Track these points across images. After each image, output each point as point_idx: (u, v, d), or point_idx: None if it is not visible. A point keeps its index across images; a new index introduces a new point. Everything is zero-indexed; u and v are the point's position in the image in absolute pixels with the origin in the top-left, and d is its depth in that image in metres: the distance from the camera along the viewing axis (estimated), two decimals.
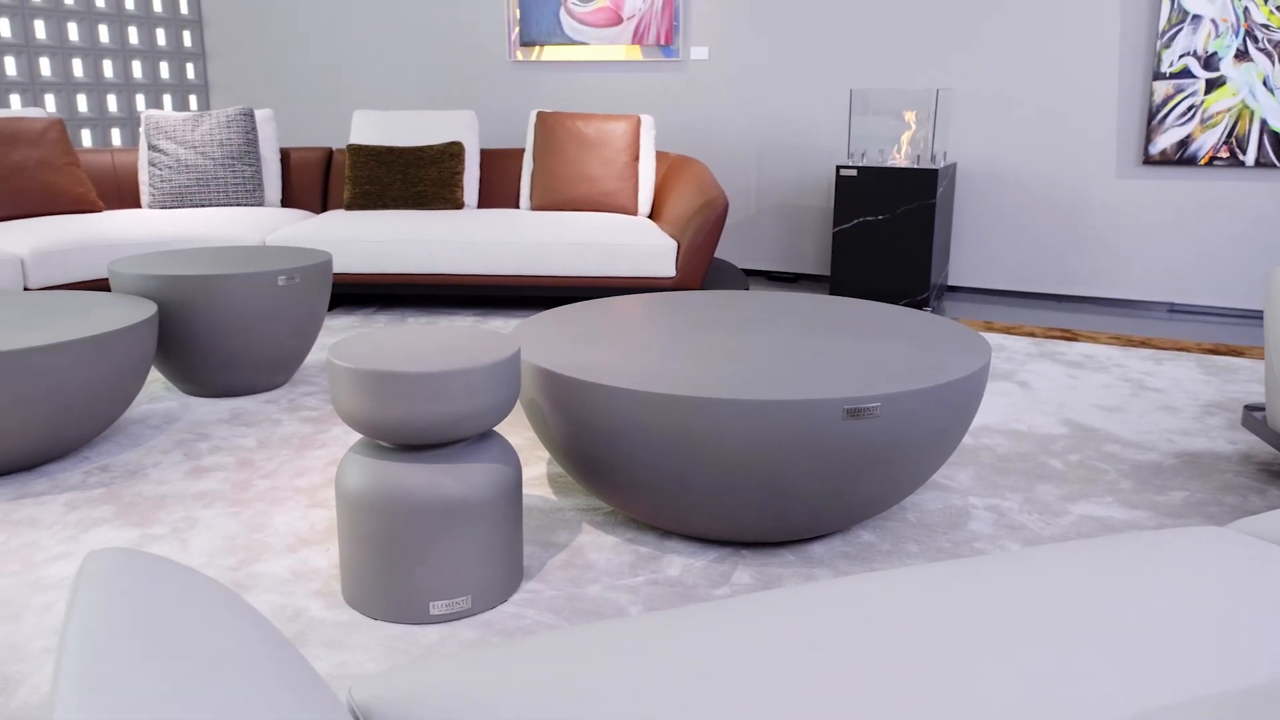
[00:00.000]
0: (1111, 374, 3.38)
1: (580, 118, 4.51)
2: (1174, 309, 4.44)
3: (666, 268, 4.03)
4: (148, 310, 2.60)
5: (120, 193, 4.57)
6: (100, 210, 4.30)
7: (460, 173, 4.54)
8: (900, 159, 4.43)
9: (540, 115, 4.57)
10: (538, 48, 5.36)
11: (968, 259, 4.78)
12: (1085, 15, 4.35)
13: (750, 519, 1.92)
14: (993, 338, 3.87)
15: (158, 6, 6.04)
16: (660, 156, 4.70)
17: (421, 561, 1.74)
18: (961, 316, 4.29)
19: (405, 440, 1.71)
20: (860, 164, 4.33)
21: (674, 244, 4.03)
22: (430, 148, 4.53)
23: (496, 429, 2.74)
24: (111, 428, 2.76)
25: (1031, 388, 3.21)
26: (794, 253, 5.11)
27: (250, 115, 4.56)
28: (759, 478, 1.84)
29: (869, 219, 4.33)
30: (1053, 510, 2.27)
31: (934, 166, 4.22)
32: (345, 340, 1.85)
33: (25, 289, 3.64)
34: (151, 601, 0.83)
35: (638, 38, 5.12)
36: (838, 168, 4.34)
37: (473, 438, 1.82)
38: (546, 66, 5.40)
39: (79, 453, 2.57)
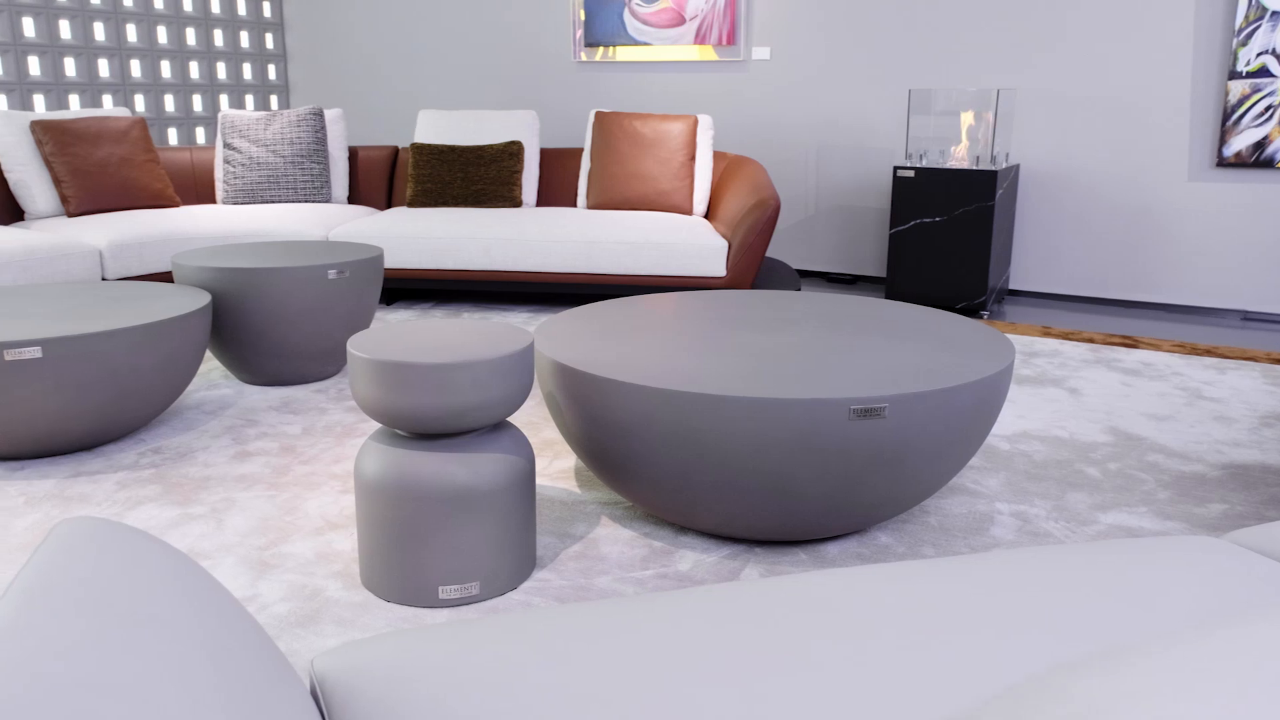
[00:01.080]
0: (1168, 382, 3.28)
1: (638, 117, 4.55)
2: (1247, 316, 4.28)
3: (717, 267, 4.04)
4: (201, 301, 2.72)
5: (197, 188, 4.77)
6: (177, 205, 4.50)
7: (519, 172, 4.62)
8: (961, 160, 4.36)
9: (598, 115, 4.63)
10: (601, 48, 5.41)
11: (1031, 262, 4.68)
12: (1157, 11, 4.22)
13: (758, 517, 1.94)
14: (1048, 343, 3.79)
15: (242, 10, 6.27)
16: (718, 156, 4.71)
17: (431, 547, 1.79)
18: (1019, 321, 4.21)
19: (415, 429, 1.77)
20: (918, 165, 4.28)
21: (725, 244, 4.04)
22: (490, 147, 4.62)
23: (513, 421, 2.80)
24: (168, 411, 2.89)
25: (1081, 394, 3.14)
26: (852, 254, 5.07)
27: (320, 115, 4.71)
28: (764, 476, 1.85)
29: (926, 221, 4.27)
30: (1081, 519, 2.23)
31: (994, 168, 4.14)
32: (367, 331, 1.92)
33: (103, 279, 3.83)
34: (106, 567, 0.89)
35: (699, 38, 5.14)
36: (895, 168, 4.29)
37: (485, 429, 1.87)
38: (610, 67, 5.46)
39: (135, 435, 2.70)
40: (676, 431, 1.85)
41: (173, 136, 5.93)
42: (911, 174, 4.26)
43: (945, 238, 4.24)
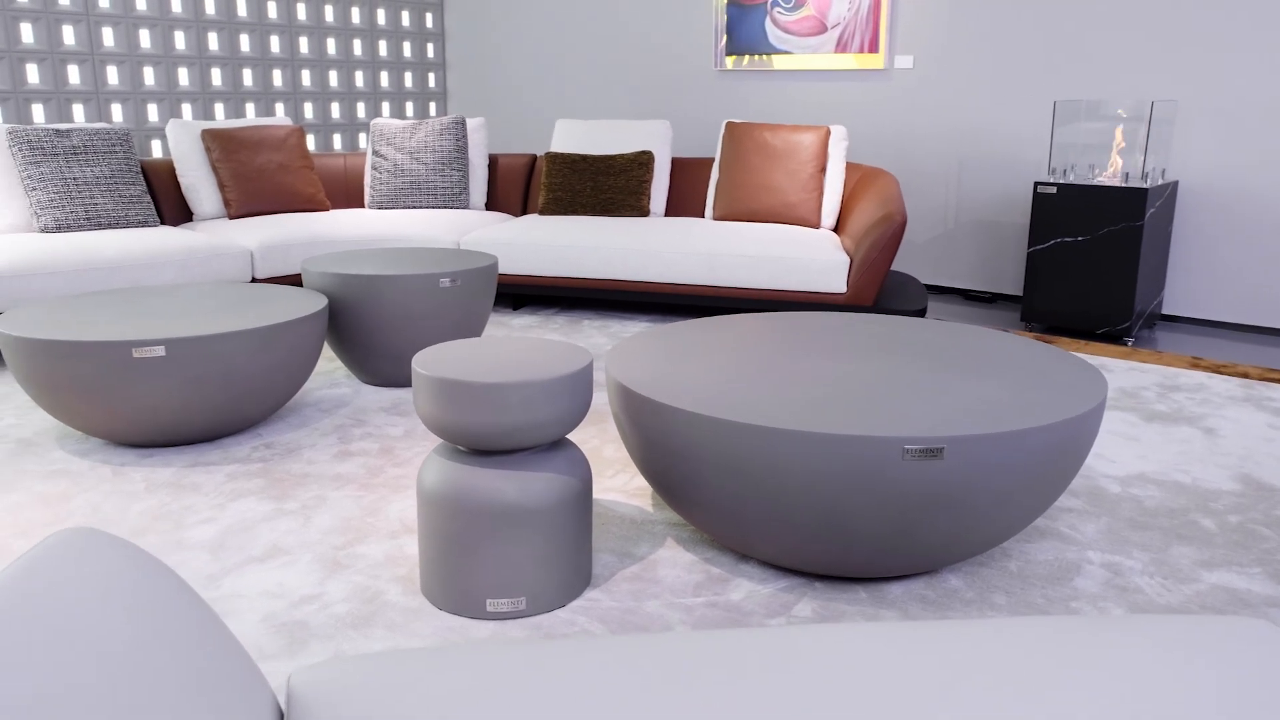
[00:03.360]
0: None
1: (767, 128, 4.51)
2: None
3: (837, 283, 3.95)
4: (316, 305, 2.88)
5: (348, 193, 5.05)
6: (327, 209, 4.77)
7: (648, 181, 4.66)
8: (1112, 177, 4.10)
9: (729, 125, 4.61)
10: (743, 57, 5.38)
11: (1188, 286, 4.35)
12: None
13: (812, 552, 1.89)
14: (1193, 376, 3.52)
15: (405, 21, 6.58)
16: (851, 168, 4.60)
17: (480, 560, 1.84)
18: (1168, 350, 3.92)
19: (468, 444, 1.82)
20: (1061, 181, 4.05)
21: (846, 259, 3.95)
22: (621, 156, 4.68)
23: (588, 438, 2.82)
24: (286, 407, 3.08)
25: (1217, 435, 2.90)
26: (992, 272, 4.85)
27: (462, 124, 4.90)
28: (815, 512, 1.80)
29: (1067, 240, 4.04)
30: (1181, 575, 2.06)
31: (1144, 185, 3.87)
32: (436, 347, 1.99)
33: (253, 278, 4.11)
34: (84, 575, 0.96)
35: (841, 46, 5.03)
36: (1035, 184, 4.08)
37: (542, 447, 1.90)
38: (749, 76, 5.42)
39: (254, 429, 2.89)
40: (728, 460, 1.83)
41: (337, 142, 6.29)
42: (1053, 190, 4.04)
43: (1088, 258, 4.00)
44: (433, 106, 6.87)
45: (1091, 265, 4.00)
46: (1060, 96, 4.50)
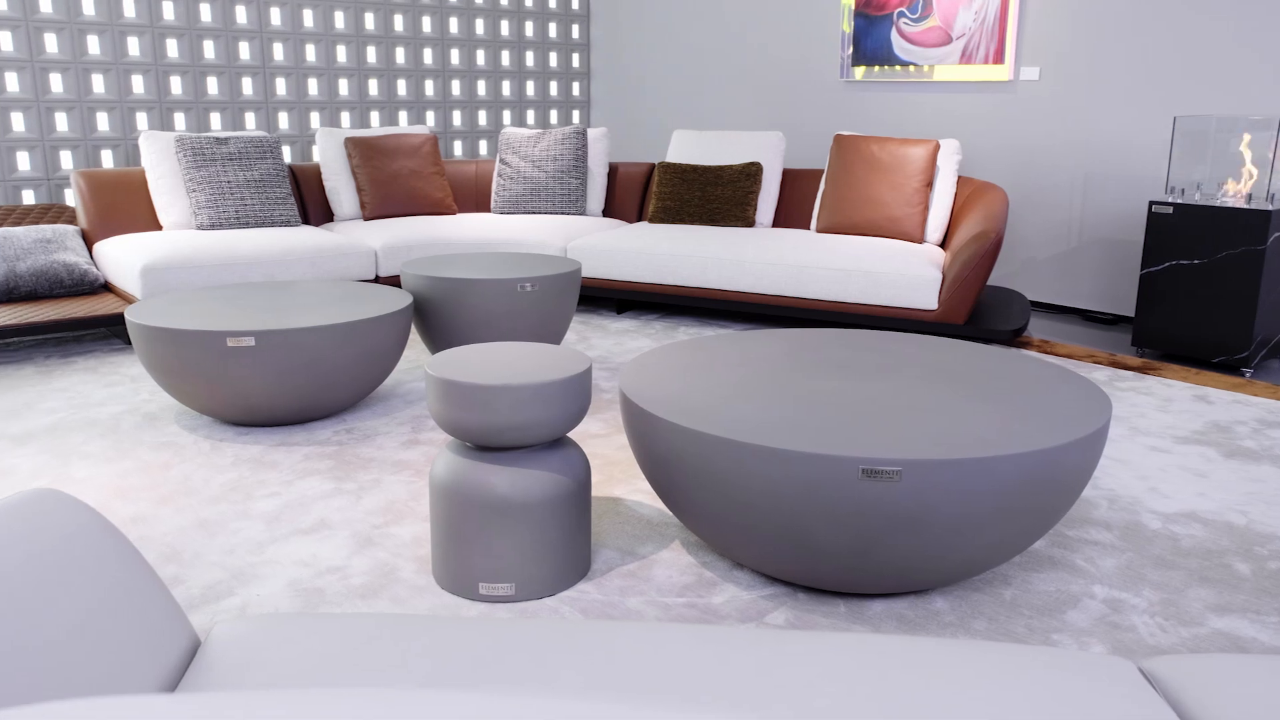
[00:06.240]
0: None
1: (876, 141, 4.49)
2: None
3: (928, 300, 3.91)
4: (402, 303, 3.13)
5: (476, 199, 5.36)
6: (453, 213, 5.10)
7: (754, 192, 4.73)
8: (1238, 198, 3.87)
9: (837, 138, 4.61)
10: (868, 68, 5.36)
11: None
12: None
13: (783, 563, 1.96)
14: None
15: (552, 33, 6.88)
16: (964, 182, 4.52)
17: (473, 547, 2.01)
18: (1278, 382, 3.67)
19: (467, 440, 1.99)
20: (1178, 200, 3.86)
21: (938, 276, 3.91)
22: (729, 168, 4.77)
23: (604, 442, 2.93)
24: (373, 395, 3.36)
25: None
26: (1115, 293, 4.64)
27: (583, 134, 5.11)
28: (779, 526, 1.87)
29: (1183, 263, 3.84)
30: (1185, 618, 2.00)
31: (1268, 207, 3.64)
32: (458, 349, 2.17)
33: (376, 277, 4.46)
34: (34, 527, 1.18)
35: (965, 57, 4.94)
36: (1150, 203, 3.90)
37: (540, 446, 2.05)
38: (873, 87, 5.39)
39: (340, 415, 3.18)
40: (705, 470, 1.92)
41: (483, 148, 6.66)
42: (1169, 210, 3.85)
43: (1205, 283, 3.79)
44: (575, 115, 7.14)
45: (1209, 290, 3.79)
46: (1189, 111, 4.27)
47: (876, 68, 5.32)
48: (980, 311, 4.15)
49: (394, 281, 4.48)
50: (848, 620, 1.97)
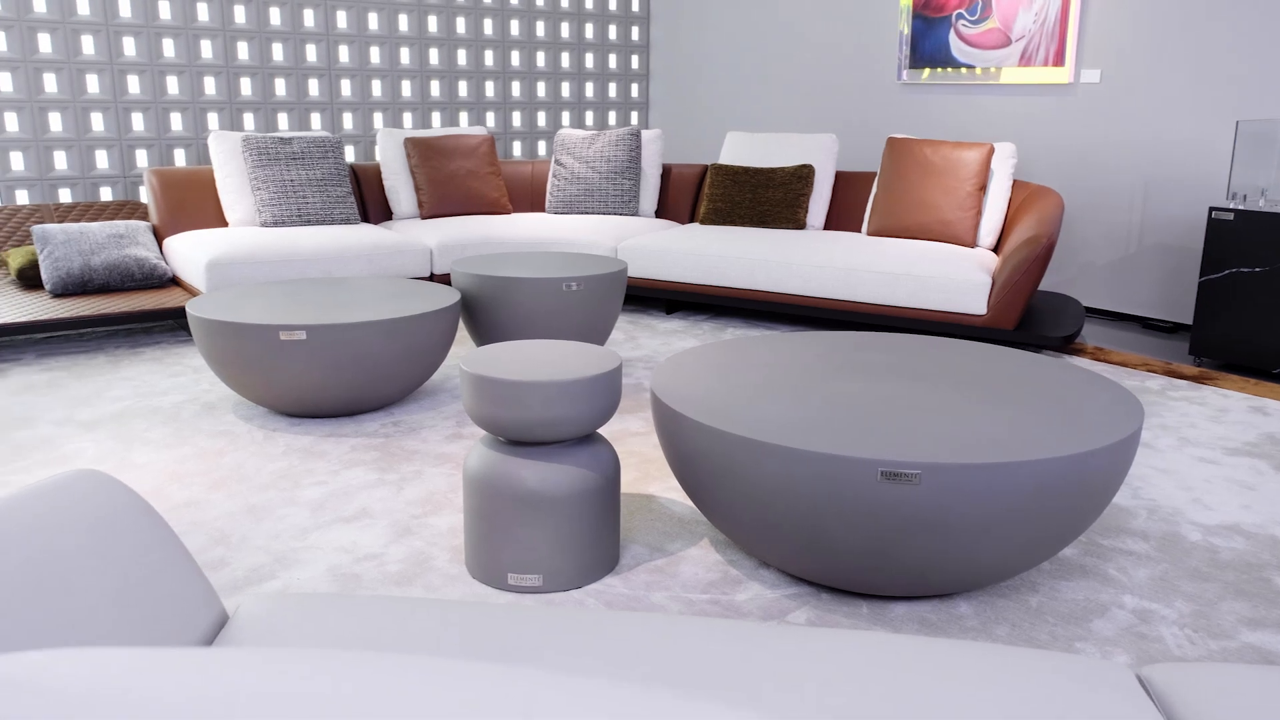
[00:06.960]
0: None
1: (929, 144, 4.46)
2: None
3: (977, 304, 3.88)
4: (448, 301, 3.21)
5: (532, 199, 5.45)
6: (508, 213, 5.19)
7: (805, 195, 4.73)
8: None
9: (890, 141, 4.59)
10: (926, 70, 5.32)
11: None
12: None
13: (804, 563, 1.98)
14: None
15: (612, 35, 6.95)
16: (1019, 186, 4.47)
17: (503, 538, 2.07)
18: None
19: (498, 434, 2.05)
20: (1239, 206, 3.77)
21: (988, 280, 3.87)
22: (781, 170, 4.78)
23: (643, 439, 2.96)
24: (422, 389, 3.45)
25: None
26: (1175, 300, 4.54)
27: (637, 135, 5.16)
28: (797, 526, 1.89)
29: (1243, 271, 3.75)
30: (1216, 631, 1.97)
31: None
32: (493, 346, 2.23)
33: (431, 275, 4.56)
34: (76, 504, 1.26)
35: (1024, 59, 4.87)
36: (1210, 209, 3.81)
37: (570, 441, 2.10)
38: (930, 89, 5.34)
39: (388, 408, 3.27)
40: (728, 469, 1.96)
41: (542, 149, 6.75)
42: (1229, 216, 3.77)
43: (1266, 291, 3.70)
44: (634, 116, 7.20)
45: (1270, 299, 3.69)
46: (1253, 115, 4.16)
47: (935, 70, 5.27)
48: (1032, 317, 4.10)
49: (447, 279, 4.58)
50: (869, 621, 1.99)
